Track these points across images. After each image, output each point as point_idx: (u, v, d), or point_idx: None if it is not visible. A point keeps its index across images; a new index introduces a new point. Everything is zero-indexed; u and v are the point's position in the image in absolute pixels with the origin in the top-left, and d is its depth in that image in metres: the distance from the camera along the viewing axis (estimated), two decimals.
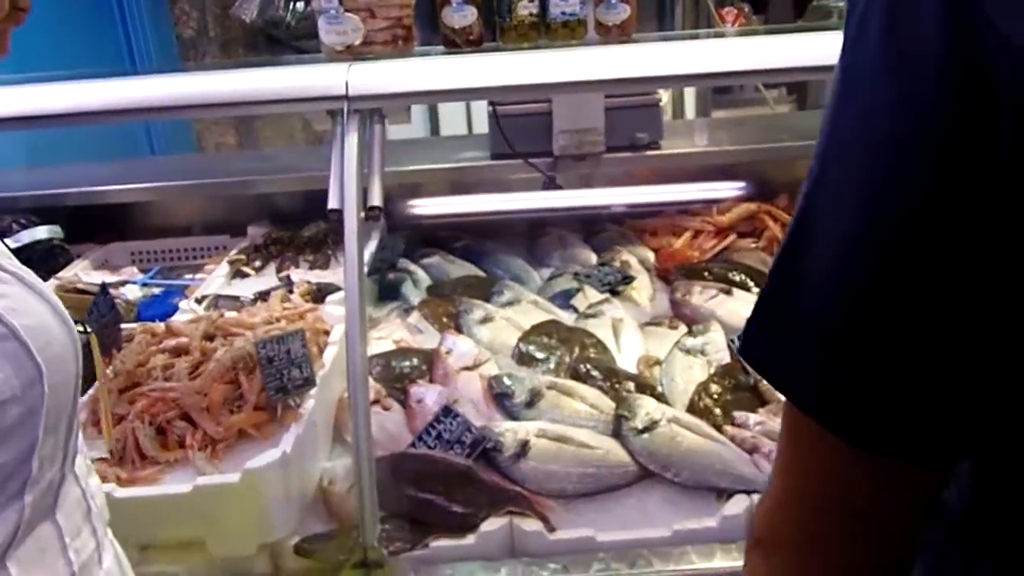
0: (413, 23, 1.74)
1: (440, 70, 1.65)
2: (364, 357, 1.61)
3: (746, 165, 2.68)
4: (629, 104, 2.39)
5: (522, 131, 2.39)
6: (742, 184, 2.65)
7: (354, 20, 1.72)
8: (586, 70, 1.66)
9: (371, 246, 2.20)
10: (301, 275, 2.33)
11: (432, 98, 1.63)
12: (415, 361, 1.95)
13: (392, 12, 1.72)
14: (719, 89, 4.75)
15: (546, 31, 1.79)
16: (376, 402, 1.83)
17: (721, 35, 2.89)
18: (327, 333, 1.93)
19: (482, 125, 3.72)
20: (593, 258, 2.47)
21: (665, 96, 3.97)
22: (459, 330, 2.08)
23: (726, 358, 1.95)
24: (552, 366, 1.94)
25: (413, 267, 2.44)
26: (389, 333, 2.09)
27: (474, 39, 1.76)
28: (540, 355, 1.97)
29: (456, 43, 1.75)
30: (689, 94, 4.33)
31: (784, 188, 2.67)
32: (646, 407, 1.72)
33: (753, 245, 2.48)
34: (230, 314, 1.98)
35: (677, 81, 1.61)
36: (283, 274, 2.34)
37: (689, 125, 3.42)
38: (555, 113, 2.35)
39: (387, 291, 2.35)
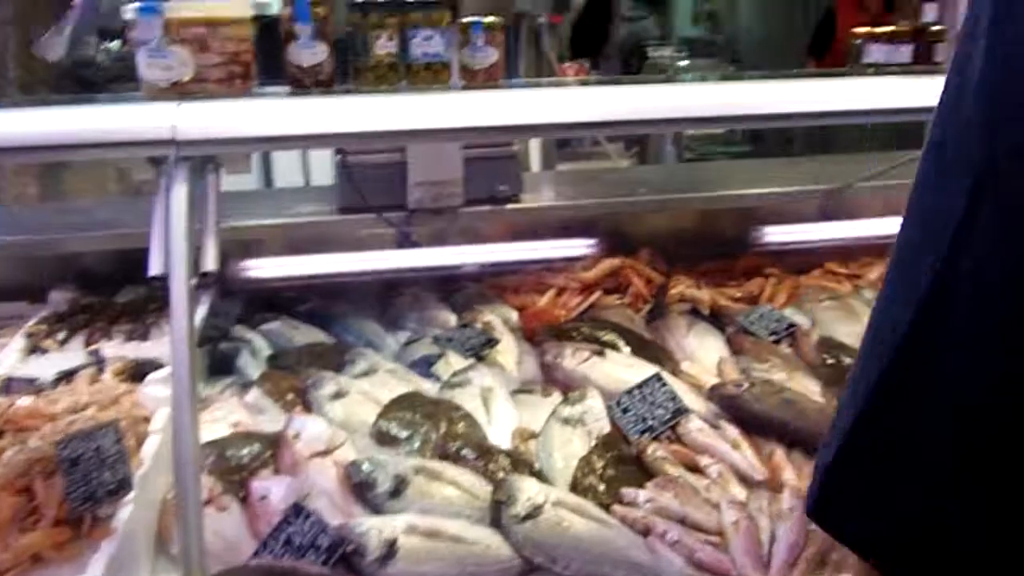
0: (253, 59, 1.52)
1: (286, 113, 1.43)
2: (195, 447, 1.34)
3: (606, 218, 2.60)
4: (488, 155, 2.25)
5: (374, 182, 2.19)
6: (600, 239, 2.56)
7: (181, 54, 1.48)
8: (450, 116, 1.50)
9: (201, 311, 1.91)
10: (115, 349, 1.98)
11: (277, 144, 1.42)
12: (256, 448, 1.68)
13: (228, 46, 1.49)
14: (560, 142, 4.75)
15: (407, 73, 1.61)
16: (209, 502, 1.54)
17: (563, 84, 2.83)
18: (147, 420, 1.62)
19: (321, 176, 3.48)
20: (453, 319, 2.29)
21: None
22: (308, 408, 1.83)
23: (606, 427, 1.80)
24: (417, 446, 1.73)
25: (250, 335, 2.16)
26: (224, 415, 1.79)
27: (324, 79, 1.56)
28: (403, 433, 1.75)
29: (303, 83, 1.54)
30: (534, 146, 4.28)
31: (643, 242, 2.61)
32: (527, 490, 1.54)
33: (618, 301, 2.39)
34: (24, 401, 1.63)
35: (552, 130, 1.49)
36: (92, 348, 1.99)
37: (540, 178, 3.33)
38: (410, 163, 2.17)
39: (220, 364, 2.05)
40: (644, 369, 1.96)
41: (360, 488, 1.59)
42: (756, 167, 3.34)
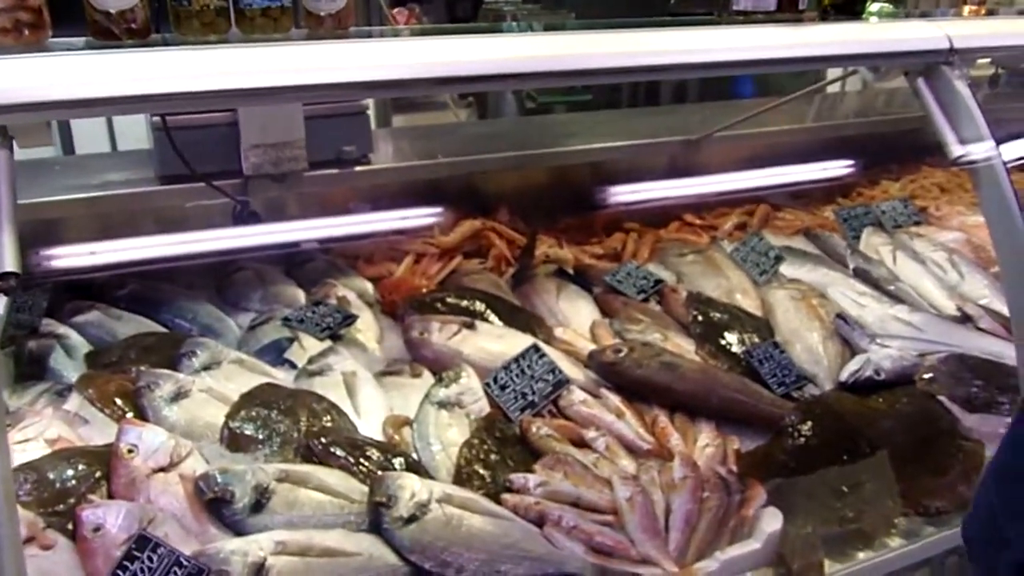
0: (44, 4, 1.23)
1: (91, 71, 1.16)
2: (5, 476, 1.10)
3: (458, 178, 2.44)
4: (333, 112, 2.02)
5: (201, 147, 1.91)
6: (453, 200, 2.40)
7: None
8: (293, 73, 1.28)
9: None
10: None
11: (80, 111, 1.15)
12: (84, 468, 1.42)
13: None
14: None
15: (239, 20, 1.37)
16: (30, 540, 1.28)
17: (396, 35, 2.61)
18: None
19: (131, 140, 3.07)
20: (302, 296, 2.07)
21: None
22: (142, 414, 1.58)
23: (485, 407, 1.68)
24: (277, 448, 1.53)
25: (63, 329, 1.85)
26: (38, 431, 1.51)
27: (138, 28, 1.29)
28: (260, 435, 1.55)
29: (112, 33, 1.27)
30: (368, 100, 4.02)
31: (501, 201, 2.48)
32: (409, 488, 1.39)
33: (481, 266, 2.25)
34: None
35: (410, 86, 1.31)
36: None
37: (385, 135, 3.10)
38: (243, 124, 1.91)
39: (28, 367, 1.74)
40: (518, 340, 1.85)
41: (215, 505, 1.38)
42: (602, 119, 3.27)
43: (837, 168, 2.83)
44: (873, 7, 1.86)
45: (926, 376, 1.84)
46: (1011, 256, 1.64)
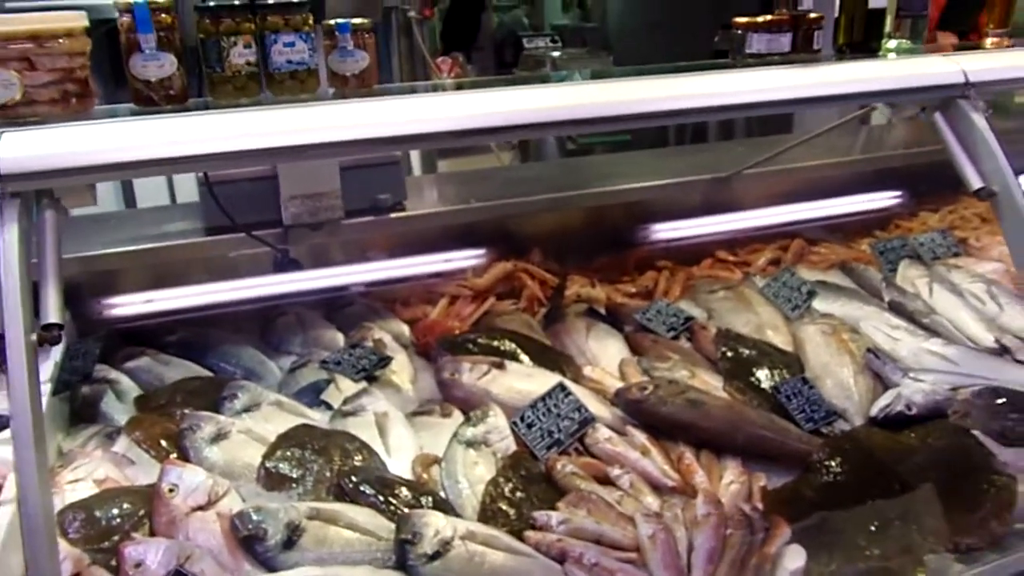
0: (90, 75, 1.34)
1: (132, 136, 1.26)
2: (48, 518, 1.18)
3: (493, 221, 2.51)
4: (367, 163, 2.11)
5: (243, 199, 2.02)
6: (490, 243, 2.47)
7: (4, 73, 1.28)
8: (321, 131, 1.37)
9: (54, 356, 1.71)
10: None
11: (123, 172, 1.26)
12: (128, 506, 1.50)
13: (59, 62, 1.30)
14: None
15: (269, 83, 1.46)
16: (77, 575, 1.36)
17: (441, 87, 2.71)
18: None
19: (190, 192, 3.23)
20: (340, 339, 2.15)
21: None
22: (184, 456, 1.66)
23: (512, 445, 1.72)
24: (310, 486, 1.59)
25: (115, 374, 1.95)
26: (88, 472, 1.60)
27: (176, 94, 1.39)
28: (294, 474, 1.61)
29: (152, 100, 1.37)
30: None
31: (534, 242, 2.54)
32: (433, 525, 1.44)
33: (513, 307, 2.30)
34: None
35: (435, 140, 1.39)
36: None
37: (423, 182, 3.21)
38: (282, 177, 2.01)
39: (82, 411, 1.85)
40: (546, 379, 1.89)
41: (249, 542, 1.44)
42: (639, 159, 3.32)
43: (874, 201, 2.82)
44: (891, 43, 1.88)
45: (959, 410, 1.82)
46: None
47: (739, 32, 1.73)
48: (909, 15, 1.84)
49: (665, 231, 2.63)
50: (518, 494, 1.60)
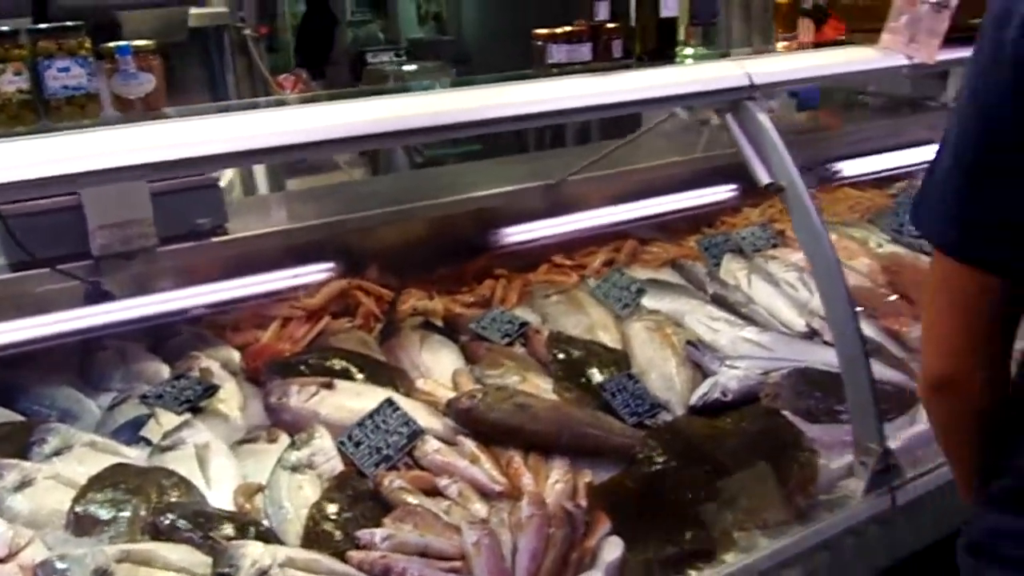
0: None
1: None
2: None
3: (330, 238, 2.47)
4: (181, 187, 2.05)
5: (47, 232, 1.91)
6: (327, 261, 2.44)
7: None
8: (114, 155, 1.33)
9: None
10: None
11: None
12: None
13: None
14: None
15: (47, 111, 1.40)
16: None
17: (283, 103, 2.67)
18: None
19: None
20: (165, 371, 2.07)
21: (230, 171, 3.65)
22: None
23: (338, 466, 1.70)
24: (124, 528, 1.52)
25: None
26: None
27: None
28: (106, 516, 1.54)
29: None
30: (259, 166, 4.05)
31: (372, 258, 2.52)
32: (250, 555, 1.40)
33: (350, 324, 2.28)
34: None
35: (239, 159, 1.37)
36: None
37: (262, 202, 3.14)
38: (88, 206, 1.92)
39: None
40: (376, 395, 1.87)
41: None
42: (485, 168, 3.36)
43: (703, 198, 2.94)
44: (687, 50, 1.97)
45: (770, 393, 1.93)
46: (822, 270, 1.75)
47: (540, 43, 1.78)
48: (700, 23, 1.94)
49: (504, 239, 2.67)
50: (344, 515, 1.58)
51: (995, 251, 0.94)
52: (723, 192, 3.03)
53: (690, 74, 1.80)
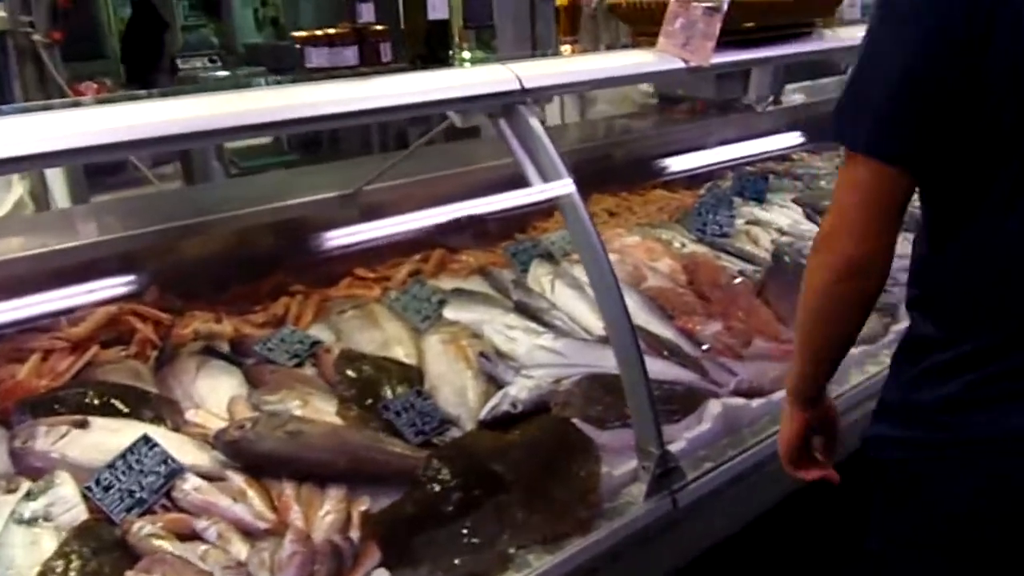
0: None
1: None
2: None
3: (109, 258, 2.27)
4: None
5: None
6: (106, 283, 2.23)
7: None
8: None
9: None
10: None
11: None
12: None
13: None
14: (99, 170, 4.22)
15: None
16: None
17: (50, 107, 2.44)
18: None
19: None
20: None
21: (20, 188, 3.35)
22: None
23: (82, 515, 1.53)
24: None
25: None
26: None
27: None
28: None
29: None
30: (57, 181, 3.73)
31: (156, 277, 2.33)
32: None
33: (123, 353, 2.10)
34: None
35: None
36: None
37: (38, 220, 2.88)
38: None
39: None
40: (138, 431, 1.71)
41: None
42: (292, 178, 3.21)
43: (511, 202, 2.90)
44: (465, 54, 1.92)
45: (560, 401, 1.89)
46: (595, 273, 1.73)
47: (299, 47, 1.68)
48: (474, 26, 1.89)
49: (303, 252, 2.53)
50: (84, 569, 1.42)
51: (909, 148, 1.15)
52: (536, 195, 3.01)
53: (458, 78, 1.74)
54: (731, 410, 1.93)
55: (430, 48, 1.78)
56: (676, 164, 3.35)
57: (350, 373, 1.97)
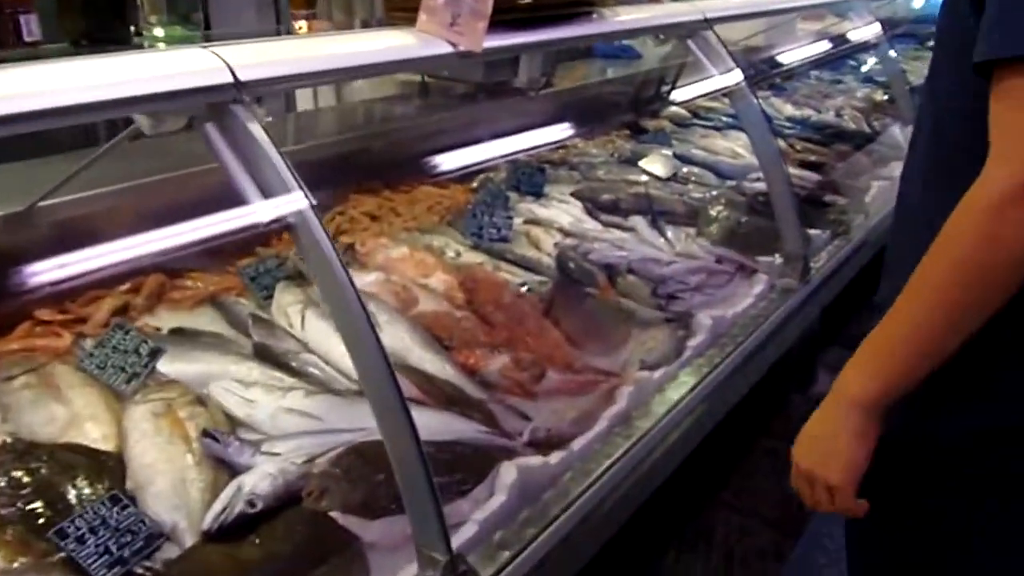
0: None
1: None
2: None
3: None
4: None
5: None
6: None
7: None
8: None
9: None
10: None
11: None
12: None
13: None
14: None
15: None
16: None
17: None
18: None
19: None
20: None
21: None
22: None
23: None
24: None
25: None
26: None
27: None
28: None
29: None
30: None
31: None
32: None
33: None
34: None
35: None
36: None
37: None
38: None
39: None
40: None
41: None
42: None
43: (224, 226, 2.39)
44: (158, 31, 1.39)
45: (313, 489, 1.46)
46: (338, 309, 1.32)
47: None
48: None
49: None
50: None
51: None
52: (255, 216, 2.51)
53: (144, 67, 1.22)
54: (527, 473, 1.59)
55: (102, 24, 1.24)
56: (445, 156, 2.96)
57: (14, 476, 1.41)
